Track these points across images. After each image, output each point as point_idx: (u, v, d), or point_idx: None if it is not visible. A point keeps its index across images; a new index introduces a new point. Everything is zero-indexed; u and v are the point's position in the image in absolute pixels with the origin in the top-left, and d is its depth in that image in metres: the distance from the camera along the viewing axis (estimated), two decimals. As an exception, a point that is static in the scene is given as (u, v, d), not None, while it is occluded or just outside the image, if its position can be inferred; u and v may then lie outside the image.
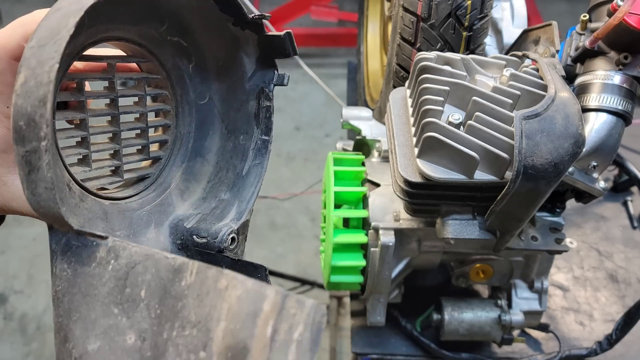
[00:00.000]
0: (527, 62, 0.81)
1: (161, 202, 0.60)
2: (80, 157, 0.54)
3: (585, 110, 0.77)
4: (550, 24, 0.85)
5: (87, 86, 0.55)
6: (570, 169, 0.79)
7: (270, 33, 0.60)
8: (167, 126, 0.62)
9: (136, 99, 0.59)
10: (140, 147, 0.60)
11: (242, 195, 0.63)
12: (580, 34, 0.82)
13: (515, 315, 1.01)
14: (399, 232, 0.92)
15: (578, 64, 0.82)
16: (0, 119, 0.50)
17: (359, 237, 0.92)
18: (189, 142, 0.64)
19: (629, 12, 0.71)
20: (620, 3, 0.74)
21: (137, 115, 0.60)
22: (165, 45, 0.59)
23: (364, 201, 0.96)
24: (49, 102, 0.39)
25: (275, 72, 0.64)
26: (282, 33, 0.60)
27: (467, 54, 0.83)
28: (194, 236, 0.58)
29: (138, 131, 0.60)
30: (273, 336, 0.36)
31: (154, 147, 0.62)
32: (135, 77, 0.58)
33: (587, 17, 0.81)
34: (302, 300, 0.37)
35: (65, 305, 0.42)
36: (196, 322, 0.39)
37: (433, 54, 0.80)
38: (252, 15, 0.58)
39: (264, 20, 0.59)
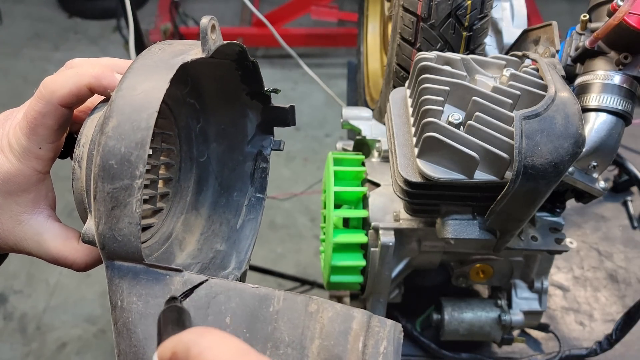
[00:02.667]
0: (527, 62, 0.81)
1: (165, 251, 0.63)
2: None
3: (585, 110, 0.77)
4: (550, 24, 0.85)
5: None
6: (570, 169, 0.79)
7: (276, 105, 0.65)
8: (170, 179, 0.65)
9: (150, 151, 0.62)
10: (148, 197, 0.63)
11: (239, 247, 0.66)
12: (580, 34, 0.82)
13: (515, 315, 1.01)
14: (399, 232, 0.92)
15: (578, 64, 0.82)
16: (28, 159, 0.51)
17: (359, 237, 0.92)
18: (188, 196, 0.68)
19: (629, 12, 0.71)
20: (620, 3, 0.74)
21: (149, 167, 0.62)
22: (183, 105, 0.64)
23: (364, 201, 0.96)
24: (147, 144, 0.43)
25: (272, 137, 0.68)
26: (287, 106, 0.65)
27: (467, 54, 0.83)
28: None
29: (148, 182, 0.62)
30: (364, 350, 0.43)
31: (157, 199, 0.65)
32: (155, 132, 0.61)
33: (587, 17, 0.81)
34: (384, 320, 0.45)
35: (139, 335, 0.45)
36: (290, 341, 0.44)
37: (433, 54, 0.80)
38: (267, 88, 0.62)
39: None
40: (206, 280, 0.46)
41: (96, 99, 0.55)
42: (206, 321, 0.45)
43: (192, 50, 0.50)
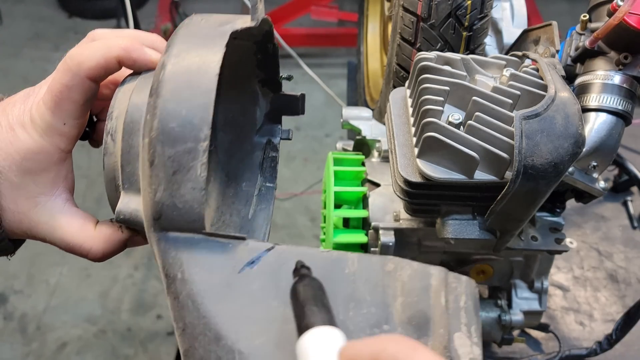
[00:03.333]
0: (527, 62, 0.81)
1: None
2: None
3: (585, 110, 0.77)
4: (550, 24, 0.85)
5: None
6: (570, 169, 0.79)
7: (287, 93, 0.63)
8: None
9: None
10: None
11: (253, 236, 0.63)
12: (580, 34, 0.82)
13: (515, 315, 1.01)
14: (399, 232, 0.92)
15: (578, 64, 0.82)
16: (51, 135, 0.49)
17: (359, 237, 0.92)
18: None
19: (629, 12, 0.71)
20: (620, 3, 0.74)
21: None
22: None
23: (364, 201, 0.96)
24: (211, 107, 0.42)
25: (280, 126, 0.67)
26: (298, 94, 0.63)
27: (467, 54, 0.83)
28: None
29: None
30: (446, 304, 0.43)
31: None
32: None
33: (587, 17, 0.81)
34: (459, 276, 0.45)
35: (207, 306, 0.43)
36: (372, 300, 0.44)
37: (433, 54, 0.80)
38: (281, 75, 0.61)
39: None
40: (273, 246, 0.45)
41: (120, 74, 0.53)
42: (279, 287, 0.43)
43: (237, 20, 0.48)
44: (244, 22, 0.48)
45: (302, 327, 0.38)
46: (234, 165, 0.66)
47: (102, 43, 0.49)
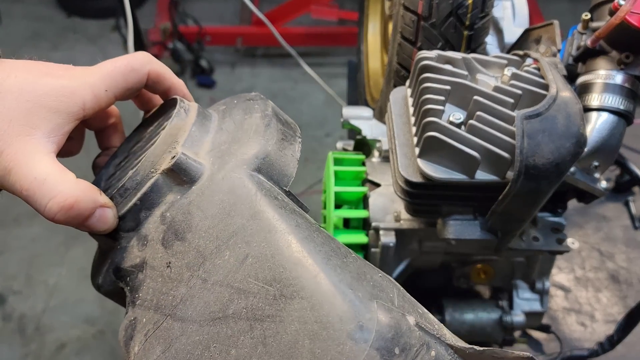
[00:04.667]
0: (529, 61, 0.81)
1: None
2: None
3: (586, 109, 0.76)
4: (551, 23, 0.85)
5: None
6: (572, 169, 0.78)
7: None
8: None
9: None
10: None
11: None
12: (582, 33, 0.81)
13: (517, 316, 1.00)
14: (399, 233, 0.91)
15: (580, 64, 0.81)
16: (86, 91, 0.50)
17: (360, 238, 0.92)
18: None
19: (630, 12, 0.70)
20: (622, 2, 0.73)
21: None
22: None
23: (364, 201, 0.95)
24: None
25: None
26: None
27: (468, 53, 0.82)
28: None
29: None
30: None
31: None
32: None
33: (589, 16, 0.81)
34: None
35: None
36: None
37: (434, 53, 0.79)
38: None
39: None
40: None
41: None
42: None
43: None
44: None
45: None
46: None
47: (169, 70, 0.57)
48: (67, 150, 0.56)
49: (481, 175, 0.71)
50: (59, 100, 0.49)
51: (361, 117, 1.06)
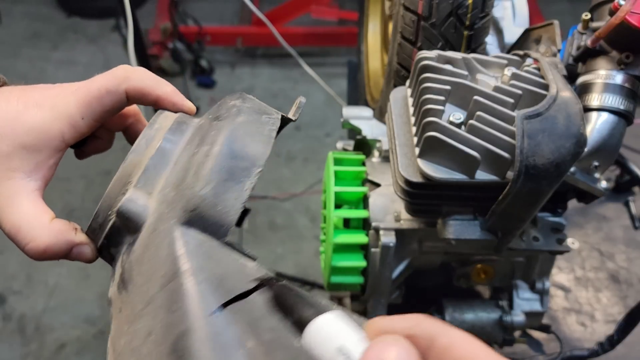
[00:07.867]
0: (529, 61, 0.81)
1: None
2: None
3: (587, 109, 0.76)
4: (551, 23, 0.85)
5: None
6: (572, 169, 0.78)
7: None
8: None
9: None
10: None
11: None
12: (582, 33, 0.81)
13: (517, 316, 1.00)
14: (399, 233, 0.91)
15: (580, 64, 0.81)
16: (63, 122, 0.50)
17: (360, 238, 0.92)
18: None
19: (631, 12, 0.70)
20: (622, 2, 0.73)
21: None
22: None
23: (364, 201, 0.95)
24: (269, 150, 0.49)
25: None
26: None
27: (469, 53, 0.82)
28: None
29: None
30: None
31: None
32: None
33: (589, 16, 0.81)
34: None
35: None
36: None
37: (434, 53, 0.79)
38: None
39: None
40: (280, 281, 0.42)
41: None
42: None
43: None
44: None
45: (302, 321, 0.35)
46: None
47: (154, 75, 0.54)
48: (95, 148, 0.59)
49: (481, 175, 0.71)
50: (38, 138, 0.50)
51: (361, 117, 1.06)
